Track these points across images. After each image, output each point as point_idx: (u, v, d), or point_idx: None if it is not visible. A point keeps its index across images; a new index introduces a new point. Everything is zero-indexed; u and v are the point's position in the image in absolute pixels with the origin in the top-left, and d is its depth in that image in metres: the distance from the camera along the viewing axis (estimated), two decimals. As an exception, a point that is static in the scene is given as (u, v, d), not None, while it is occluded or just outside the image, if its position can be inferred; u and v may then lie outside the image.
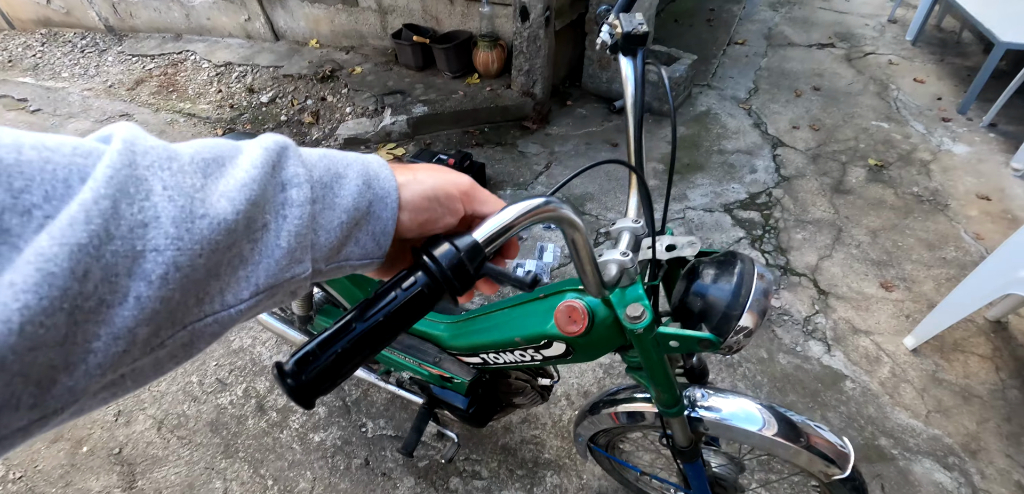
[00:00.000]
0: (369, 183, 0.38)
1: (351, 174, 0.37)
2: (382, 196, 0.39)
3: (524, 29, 3.31)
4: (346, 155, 0.39)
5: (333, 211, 0.36)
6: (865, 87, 3.95)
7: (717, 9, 5.40)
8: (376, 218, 0.39)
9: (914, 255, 2.47)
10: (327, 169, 0.36)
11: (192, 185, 0.27)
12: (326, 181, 0.36)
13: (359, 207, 0.37)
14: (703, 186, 2.92)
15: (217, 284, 0.29)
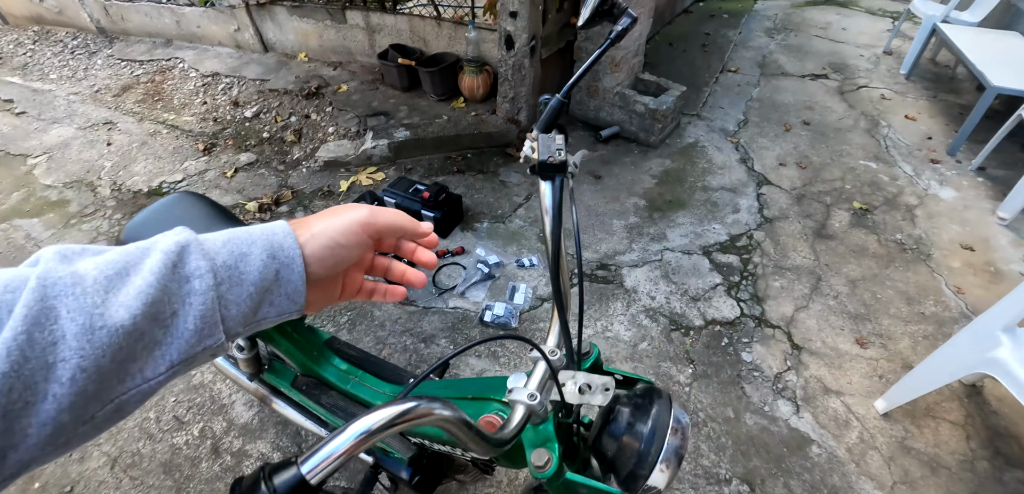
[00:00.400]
0: (273, 254, 0.43)
1: (255, 251, 0.42)
2: (287, 262, 0.44)
3: (509, 57, 3.28)
4: (251, 231, 0.43)
5: (240, 286, 0.41)
6: (856, 123, 3.91)
7: (713, 33, 5.37)
8: (285, 281, 0.44)
9: (892, 309, 2.43)
10: (231, 252, 0.41)
11: (92, 303, 0.33)
12: (230, 263, 0.41)
13: (266, 277, 0.42)
14: (684, 225, 2.88)
15: (135, 365, 0.35)
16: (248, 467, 1.86)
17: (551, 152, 0.71)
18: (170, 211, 1.33)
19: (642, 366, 2.13)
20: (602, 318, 2.33)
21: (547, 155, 0.70)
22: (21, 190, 3.19)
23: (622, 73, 3.55)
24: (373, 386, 1.43)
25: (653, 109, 3.40)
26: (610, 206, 2.99)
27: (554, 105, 0.77)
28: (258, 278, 0.42)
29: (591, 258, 2.63)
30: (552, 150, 0.71)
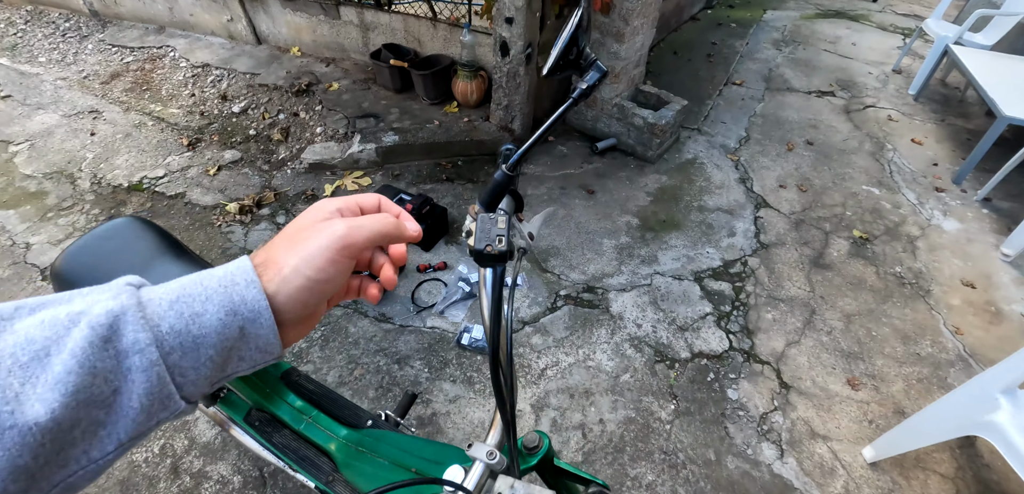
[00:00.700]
0: (234, 310, 0.37)
1: (211, 309, 0.36)
2: (252, 317, 0.38)
3: (504, 64, 3.18)
4: (206, 283, 0.37)
5: (197, 352, 0.36)
6: (860, 145, 3.81)
7: (719, 43, 5.25)
8: (253, 336, 0.38)
9: (887, 347, 2.34)
10: (180, 314, 0.35)
11: (3, 398, 0.29)
12: (180, 328, 0.35)
13: (227, 337, 0.37)
14: (676, 248, 2.79)
15: (75, 449, 0.32)
16: (208, 488, 1.78)
17: (490, 239, 0.60)
18: (112, 240, 1.24)
19: (623, 400, 2.05)
20: (584, 346, 2.24)
21: (484, 243, 0.59)
22: (1, 178, 3.11)
23: (622, 84, 3.45)
24: (326, 428, 1.35)
25: (652, 123, 3.30)
26: (601, 224, 2.90)
27: (498, 180, 0.67)
28: (217, 340, 0.36)
29: (577, 280, 2.55)
30: (491, 237, 0.59)
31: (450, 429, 1.93)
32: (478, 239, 0.59)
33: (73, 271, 1.17)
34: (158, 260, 1.20)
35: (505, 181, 0.67)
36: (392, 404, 1.98)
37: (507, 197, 0.71)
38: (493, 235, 0.59)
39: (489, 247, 0.58)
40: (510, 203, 0.71)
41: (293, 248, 0.41)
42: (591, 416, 1.99)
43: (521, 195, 0.72)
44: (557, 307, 2.41)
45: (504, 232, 0.59)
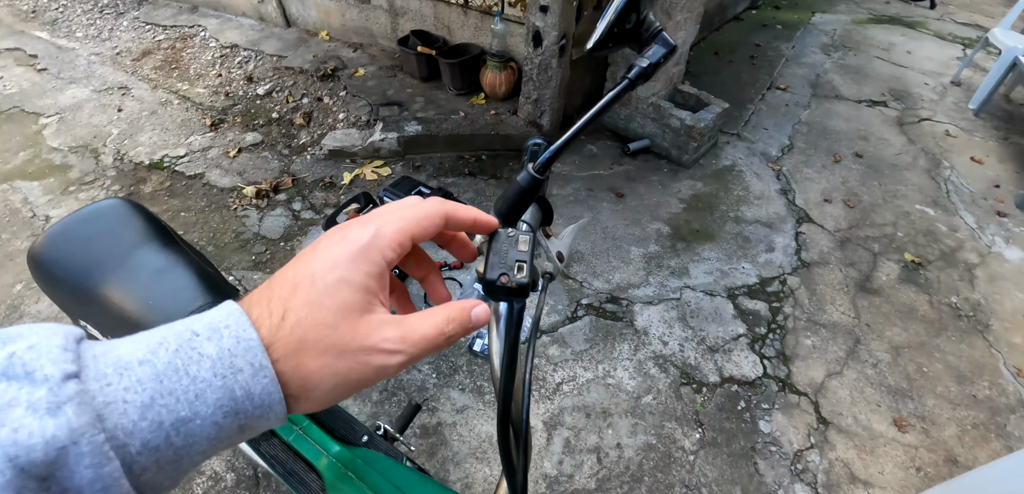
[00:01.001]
0: (236, 410, 0.28)
1: (204, 411, 0.27)
2: (259, 414, 0.29)
3: (535, 56, 3.03)
4: (194, 373, 0.27)
5: (177, 464, 0.26)
6: (915, 160, 3.54)
7: (764, 45, 5.00)
8: (253, 429, 0.29)
9: (940, 386, 2.12)
10: (158, 425, 0.25)
11: None
12: (156, 445, 0.25)
13: (223, 438, 0.28)
14: (710, 261, 2.61)
15: None
16: (200, 484, 1.71)
17: (506, 265, 0.42)
18: (96, 223, 1.14)
19: (643, 424, 1.89)
20: (605, 361, 2.09)
21: (499, 270, 0.42)
22: (28, 150, 3.12)
23: (659, 82, 3.27)
24: (317, 442, 1.24)
25: (690, 125, 3.11)
26: (629, 230, 2.74)
27: (522, 185, 0.49)
28: (208, 447, 0.28)
29: (601, 289, 2.39)
30: (508, 261, 0.42)
31: (455, 442, 1.81)
32: (492, 265, 0.42)
33: (53, 256, 1.08)
34: (143, 248, 1.10)
35: (531, 186, 0.50)
36: (396, 410, 1.87)
37: (532, 207, 0.54)
38: (511, 260, 0.42)
39: (504, 277, 0.41)
40: (536, 215, 0.55)
41: (316, 318, 0.31)
42: (608, 439, 1.84)
43: (551, 205, 0.56)
44: (578, 317, 2.26)
45: (527, 256, 0.43)
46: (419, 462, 1.72)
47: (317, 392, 0.31)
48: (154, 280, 0.97)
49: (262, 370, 0.28)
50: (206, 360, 0.27)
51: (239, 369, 0.28)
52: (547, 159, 0.50)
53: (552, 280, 0.52)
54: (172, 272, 0.99)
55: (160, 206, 2.69)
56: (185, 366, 0.26)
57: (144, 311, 0.91)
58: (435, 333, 0.34)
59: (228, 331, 0.28)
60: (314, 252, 0.33)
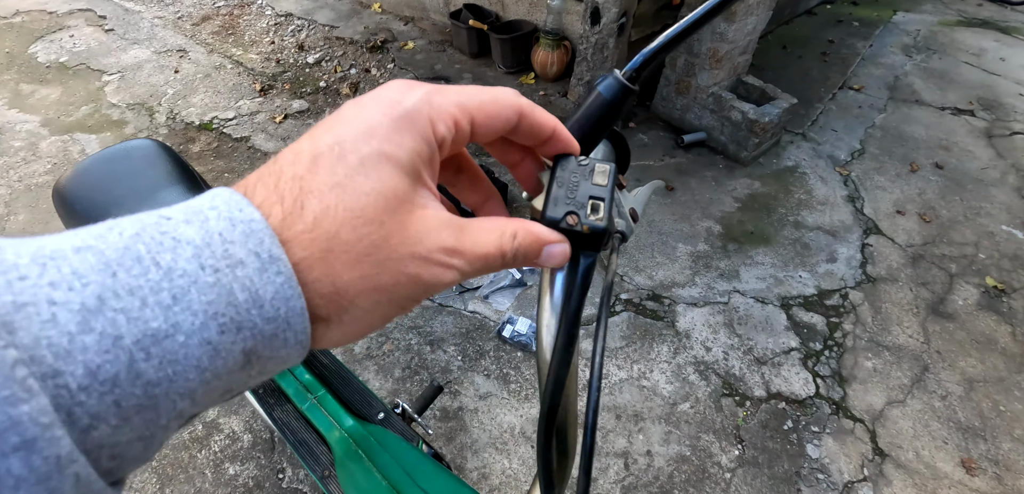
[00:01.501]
0: (238, 323, 0.18)
1: (188, 321, 0.17)
2: (275, 334, 0.20)
3: (592, 34, 2.90)
4: (174, 257, 0.18)
5: (152, 412, 0.17)
6: (1003, 176, 3.20)
7: (837, 42, 4.66)
8: (269, 358, 0.20)
9: (1018, 429, 1.89)
10: (112, 341, 0.16)
11: None
12: (108, 376, 0.16)
13: (224, 372, 0.19)
14: (763, 265, 2.42)
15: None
16: (217, 441, 1.69)
17: (577, 202, 0.29)
18: (123, 162, 1.10)
19: (678, 433, 1.76)
20: (641, 361, 1.96)
21: (567, 207, 0.29)
22: (90, 105, 3.22)
23: (722, 71, 3.06)
24: (331, 414, 1.18)
25: (752, 119, 2.90)
26: (678, 226, 2.57)
27: (605, 98, 0.36)
28: (200, 384, 0.18)
29: (642, 285, 2.26)
30: (580, 197, 0.30)
31: (475, 429, 1.72)
32: (556, 198, 0.29)
33: (76, 191, 1.05)
34: (167, 189, 1.05)
35: (616, 100, 0.36)
36: (418, 389, 1.81)
37: (604, 143, 0.43)
38: (583, 195, 0.29)
39: (573, 217, 0.29)
40: (608, 155, 0.44)
41: (353, 181, 0.22)
42: (638, 445, 1.71)
43: (628, 146, 0.44)
44: (615, 311, 2.14)
45: (606, 193, 0.30)
46: (436, 446, 1.65)
47: (352, 315, 0.22)
48: None
49: (273, 262, 0.19)
50: (186, 246, 0.18)
51: (239, 260, 0.19)
52: (642, 62, 0.37)
53: (623, 241, 0.37)
54: None
55: (206, 165, 2.72)
56: (152, 253, 0.18)
57: None
58: (494, 249, 0.26)
59: (216, 213, 0.20)
60: (338, 117, 0.24)
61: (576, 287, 0.30)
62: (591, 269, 0.31)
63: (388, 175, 0.22)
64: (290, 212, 0.21)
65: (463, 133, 0.25)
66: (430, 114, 0.24)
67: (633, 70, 0.36)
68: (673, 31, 0.36)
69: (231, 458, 1.66)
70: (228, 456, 1.66)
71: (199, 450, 1.68)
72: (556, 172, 0.30)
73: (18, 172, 2.65)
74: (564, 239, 0.28)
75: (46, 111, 3.11)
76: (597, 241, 0.29)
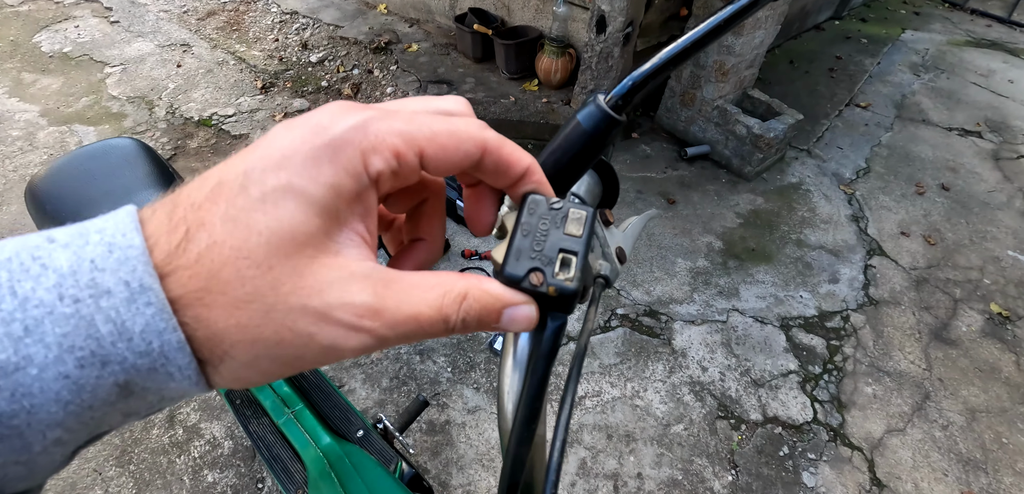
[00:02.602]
0: (102, 357, 0.17)
1: (40, 353, 0.16)
2: (151, 367, 0.18)
3: (597, 43, 2.86)
4: (34, 286, 0.17)
5: (9, 442, 0.17)
6: (1010, 200, 3.15)
7: (845, 58, 4.61)
8: (151, 390, 0.19)
9: (1020, 463, 1.84)
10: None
11: None
12: None
13: (92, 405, 0.18)
14: (763, 284, 2.38)
15: None
16: (197, 447, 1.66)
17: (544, 257, 0.24)
18: (101, 161, 1.06)
19: (670, 456, 1.72)
20: (635, 380, 1.92)
21: (530, 263, 0.24)
22: (90, 96, 3.21)
23: (728, 84, 3.02)
24: (308, 430, 1.14)
25: (757, 134, 2.86)
26: (678, 240, 2.54)
27: (586, 127, 0.32)
28: (62, 417, 0.17)
29: (639, 300, 2.22)
30: (547, 251, 0.24)
31: (462, 444, 1.69)
32: (519, 250, 0.25)
33: (49, 190, 1.01)
34: (143, 192, 1.01)
35: (599, 133, 0.32)
36: (405, 400, 1.77)
37: (589, 175, 0.38)
38: (552, 247, 0.25)
39: (538, 275, 0.24)
40: (594, 187, 0.38)
41: (244, 215, 0.19)
42: (628, 467, 1.67)
43: (617, 176, 0.39)
44: (611, 327, 2.10)
45: (579, 245, 0.25)
46: (419, 461, 1.62)
47: (229, 366, 0.19)
48: None
49: (144, 293, 0.18)
50: (51, 274, 0.17)
51: (105, 290, 0.17)
52: (629, 88, 0.32)
53: (607, 288, 0.32)
54: None
55: (203, 162, 2.70)
56: (13, 280, 0.17)
57: None
58: (432, 312, 0.21)
59: (100, 236, 0.18)
60: (260, 141, 0.21)
61: (540, 355, 0.25)
62: (559, 333, 0.26)
63: (290, 212, 0.19)
64: (178, 244, 0.19)
65: (409, 166, 0.22)
66: (363, 144, 0.20)
67: (619, 96, 0.31)
68: (667, 53, 0.32)
69: (210, 465, 1.63)
70: (207, 463, 1.63)
71: (178, 455, 1.64)
72: (522, 216, 0.26)
73: (14, 162, 2.63)
74: (530, 300, 0.24)
75: (46, 101, 3.09)
76: (568, 304, 0.24)
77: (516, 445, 0.26)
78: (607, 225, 0.37)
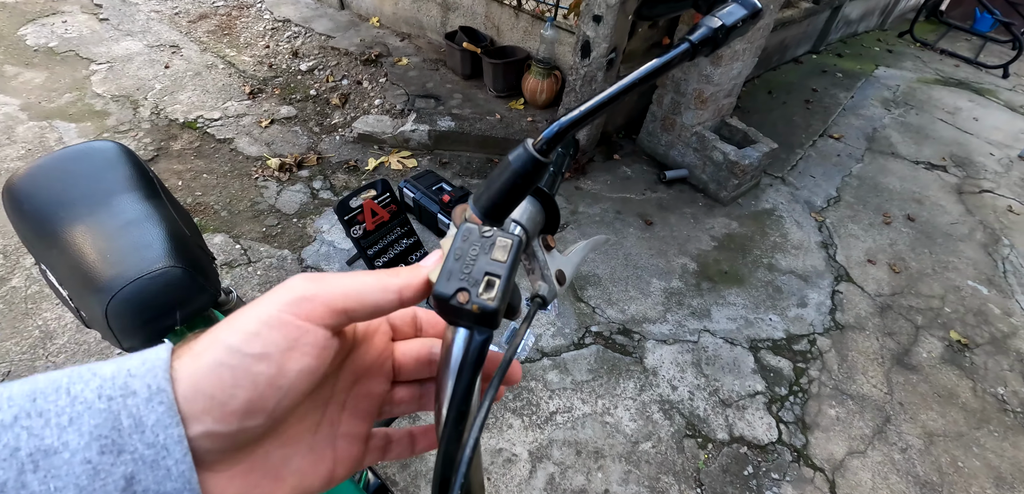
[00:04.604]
0: (119, 446, 0.20)
1: (75, 441, 0.20)
2: (153, 460, 0.21)
3: (582, 66, 2.94)
4: (77, 391, 0.21)
5: None
6: (971, 233, 3.30)
7: (821, 91, 4.78)
8: (149, 488, 0.21)
9: (974, 486, 1.92)
10: (14, 447, 0.19)
11: None
12: (2, 480, 0.19)
13: (101, 490, 0.20)
14: (735, 306, 2.46)
15: None
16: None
17: (470, 278, 0.29)
18: (81, 163, 1.05)
19: (637, 473, 1.76)
20: (606, 397, 1.97)
21: (457, 285, 0.28)
22: (73, 93, 3.19)
23: (707, 112, 3.12)
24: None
25: (734, 161, 2.96)
26: (653, 261, 2.61)
27: (514, 167, 0.36)
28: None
29: (614, 318, 2.27)
30: (474, 273, 0.29)
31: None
32: (450, 271, 0.29)
33: (28, 189, 0.99)
34: (122, 195, 0.99)
35: (525, 172, 0.36)
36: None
37: (531, 203, 0.41)
38: (479, 270, 0.29)
39: (464, 294, 0.28)
40: (535, 216, 0.42)
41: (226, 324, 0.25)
42: (596, 483, 1.72)
43: (557, 206, 0.43)
44: (584, 344, 2.15)
45: (503, 270, 0.29)
46: (387, 473, 1.64)
47: (205, 350, 0.24)
48: (121, 231, 0.90)
49: (159, 393, 0.21)
50: (96, 379, 0.21)
51: (132, 391, 0.21)
52: (554, 134, 0.36)
53: (543, 307, 0.35)
54: (141, 226, 0.92)
55: (185, 164, 2.70)
56: (70, 384, 0.21)
57: (99, 262, 0.84)
58: (353, 281, 0.27)
59: (141, 355, 0.23)
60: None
61: (467, 364, 0.30)
62: (484, 346, 0.31)
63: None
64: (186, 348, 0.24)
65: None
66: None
67: (545, 141, 0.36)
68: (593, 103, 0.37)
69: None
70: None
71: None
72: (456, 242, 0.30)
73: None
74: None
75: (28, 95, 3.07)
76: (489, 321, 0.28)
77: (446, 443, 0.30)
78: (549, 250, 0.42)
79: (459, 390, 0.30)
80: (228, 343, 0.23)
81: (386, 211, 2.19)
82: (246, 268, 2.22)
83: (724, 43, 0.38)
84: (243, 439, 0.24)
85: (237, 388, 0.23)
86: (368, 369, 0.33)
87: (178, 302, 0.89)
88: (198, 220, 2.42)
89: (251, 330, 0.24)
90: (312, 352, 0.25)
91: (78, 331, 1.88)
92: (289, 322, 0.24)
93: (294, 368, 0.24)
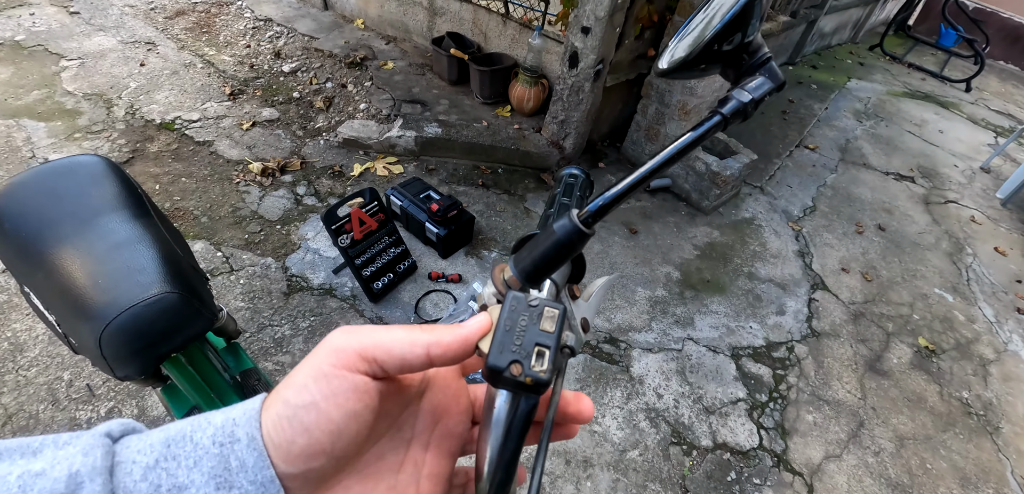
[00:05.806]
0: (230, 483, 0.26)
1: (198, 479, 0.25)
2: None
3: (569, 76, 2.97)
4: (198, 439, 0.26)
5: None
6: (937, 242, 3.43)
7: (797, 103, 4.91)
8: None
9: (942, 487, 2.01)
10: (155, 488, 0.25)
11: None
12: None
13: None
14: (717, 314, 2.51)
15: None
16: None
17: (522, 351, 0.30)
18: (67, 179, 0.98)
19: (625, 481, 1.79)
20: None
21: (511, 355, 0.29)
22: (42, 90, 3.09)
23: (690, 123, 3.18)
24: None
25: (715, 171, 3.03)
26: (639, 270, 2.65)
27: (559, 238, 0.36)
28: None
29: (600, 327, 2.31)
30: (526, 345, 0.30)
31: None
32: (502, 344, 0.30)
33: (9, 208, 0.94)
34: (110, 215, 0.94)
35: (571, 242, 0.36)
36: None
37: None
38: (530, 342, 0.30)
39: (517, 366, 0.29)
40: (564, 269, 0.42)
41: (321, 390, 0.28)
42: (585, 492, 1.74)
43: (584, 258, 0.43)
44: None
45: (552, 340, 0.30)
46: None
47: (271, 404, 0.28)
48: (111, 254, 0.86)
49: (253, 441, 0.26)
50: (210, 428, 0.27)
51: (236, 439, 0.26)
52: (598, 208, 0.37)
53: (572, 355, 0.35)
54: (133, 248, 0.88)
55: (162, 167, 2.64)
56: (192, 432, 0.26)
57: (90, 287, 0.81)
58: (389, 335, 0.30)
59: (244, 406, 0.28)
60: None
61: (514, 430, 0.32)
62: (532, 412, 0.33)
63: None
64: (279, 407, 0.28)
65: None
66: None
67: (590, 214, 0.37)
68: (632, 179, 0.38)
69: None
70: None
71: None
72: (504, 312, 0.31)
73: (-42, 157, 2.51)
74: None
75: (-7, 93, 2.96)
76: (540, 389, 0.29)
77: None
78: (574, 299, 0.44)
79: (506, 454, 0.32)
80: (285, 397, 0.27)
81: (374, 220, 2.18)
82: (228, 276, 2.18)
83: (750, 116, 0.40)
84: (313, 477, 0.28)
85: (295, 435, 0.27)
86: (446, 409, 0.35)
87: (175, 329, 0.86)
88: (177, 226, 2.37)
89: (300, 383, 0.28)
90: (352, 397, 0.28)
91: (51, 343, 1.82)
92: (329, 373, 0.28)
93: (338, 413, 0.27)
